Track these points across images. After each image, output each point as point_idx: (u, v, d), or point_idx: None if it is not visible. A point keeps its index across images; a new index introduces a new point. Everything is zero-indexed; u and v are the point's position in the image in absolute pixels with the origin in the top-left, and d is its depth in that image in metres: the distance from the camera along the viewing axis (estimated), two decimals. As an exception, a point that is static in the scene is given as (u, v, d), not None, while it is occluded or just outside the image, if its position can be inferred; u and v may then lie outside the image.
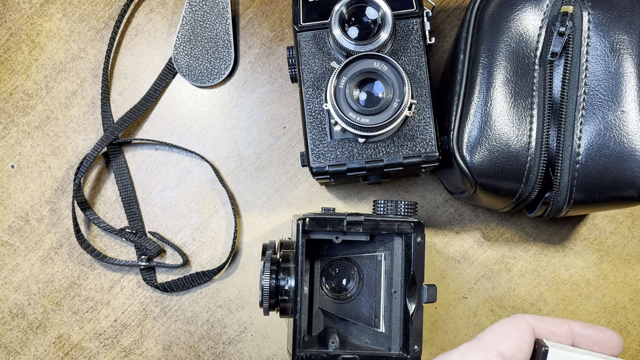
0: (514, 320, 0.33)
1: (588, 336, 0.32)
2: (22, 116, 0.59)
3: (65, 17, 0.59)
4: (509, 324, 0.33)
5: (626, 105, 0.44)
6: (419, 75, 0.48)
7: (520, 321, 0.32)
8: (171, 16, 0.59)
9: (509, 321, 0.33)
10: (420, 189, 0.57)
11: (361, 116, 0.45)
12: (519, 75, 0.45)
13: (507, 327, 0.32)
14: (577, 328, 0.33)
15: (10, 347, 0.58)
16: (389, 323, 0.46)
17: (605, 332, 0.32)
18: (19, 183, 0.58)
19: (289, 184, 0.58)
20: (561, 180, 0.45)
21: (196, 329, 0.57)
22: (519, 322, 0.32)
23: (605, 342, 0.32)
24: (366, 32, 0.47)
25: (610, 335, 0.32)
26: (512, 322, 0.33)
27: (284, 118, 0.58)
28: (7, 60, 0.59)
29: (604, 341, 0.32)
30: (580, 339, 0.32)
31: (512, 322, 0.33)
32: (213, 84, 0.58)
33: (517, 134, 0.45)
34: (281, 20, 0.59)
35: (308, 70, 0.49)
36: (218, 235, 0.58)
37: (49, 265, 0.58)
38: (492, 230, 0.57)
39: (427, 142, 0.48)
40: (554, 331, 0.32)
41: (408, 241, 0.44)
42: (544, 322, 0.33)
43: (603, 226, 0.56)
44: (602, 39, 0.44)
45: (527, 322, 0.32)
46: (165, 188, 0.58)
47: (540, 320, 0.33)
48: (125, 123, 0.57)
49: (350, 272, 0.50)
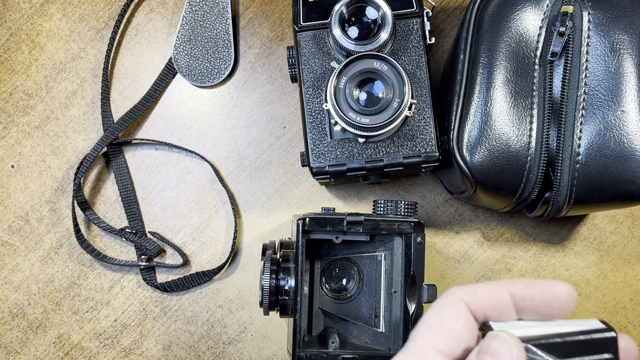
0: (446, 302, 0.28)
1: (532, 299, 0.28)
2: (22, 116, 0.59)
3: (65, 17, 0.59)
4: (441, 308, 0.28)
5: (626, 105, 0.44)
6: (419, 75, 0.48)
7: (453, 302, 0.28)
8: (171, 16, 0.59)
9: (442, 304, 0.28)
10: (420, 189, 0.57)
11: (361, 116, 0.45)
12: (519, 75, 0.45)
13: (440, 314, 0.28)
14: (518, 292, 0.28)
15: (10, 347, 0.58)
16: (389, 323, 0.46)
17: (551, 289, 0.28)
18: (19, 183, 0.58)
19: (289, 184, 0.58)
20: (561, 180, 0.45)
21: (196, 329, 0.57)
22: (451, 304, 0.28)
23: (553, 302, 0.28)
24: (366, 32, 0.47)
25: (557, 292, 0.28)
26: (444, 305, 0.28)
27: (284, 118, 0.58)
28: (7, 60, 0.59)
29: (551, 301, 0.28)
30: (525, 304, 0.28)
31: (445, 305, 0.28)
32: (213, 84, 0.58)
33: (517, 133, 0.45)
34: (281, 20, 0.59)
35: (308, 70, 0.49)
36: (218, 235, 0.58)
37: (49, 265, 0.58)
38: (492, 230, 0.57)
39: (427, 142, 0.48)
40: (492, 303, 0.28)
41: (408, 241, 0.44)
42: (479, 294, 0.28)
43: (603, 226, 0.56)
44: (602, 39, 0.44)
45: (461, 301, 0.28)
46: (165, 188, 0.58)
47: (475, 293, 0.28)
48: (125, 123, 0.57)
49: (350, 272, 0.50)
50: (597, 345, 0.26)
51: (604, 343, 0.27)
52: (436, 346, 0.27)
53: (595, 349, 0.26)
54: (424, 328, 0.28)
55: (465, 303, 0.28)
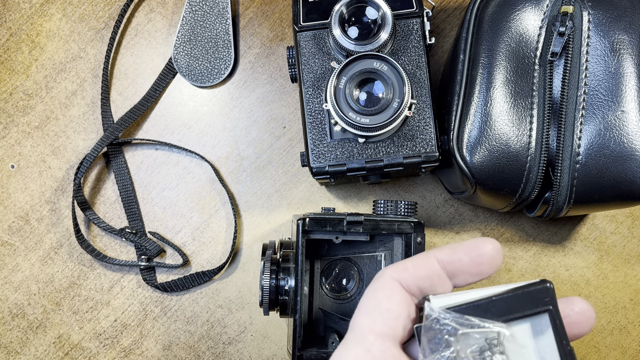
0: (377, 284, 0.27)
1: (459, 261, 0.27)
2: (22, 116, 0.59)
3: (65, 17, 0.59)
4: (374, 292, 0.27)
5: (626, 105, 0.44)
6: (419, 75, 0.48)
7: (384, 283, 0.27)
8: (171, 16, 0.59)
9: (374, 288, 0.28)
10: (420, 189, 0.57)
11: (361, 116, 0.45)
12: (519, 75, 0.45)
13: (374, 298, 0.27)
14: (444, 257, 0.27)
15: (10, 347, 0.58)
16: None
17: (475, 246, 0.27)
18: (19, 183, 0.58)
19: (289, 184, 0.58)
20: (561, 180, 0.45)
21: (196, 329, 0.57)
22: (383, 285, 0.27)
23: (480, 258, 0.27)
24: (366, 32, 0.47)
25: (481, 249, 0.27)
26: (376, 288, 0.27)
27: (284, 118, 0.58)
28: (7, 60, 0.59)
29: (478, 258, 0.27)
30: (454, 267, 0.27)
31: (377, 288, 0.27)
32: (213, 84, 0.58)
33: (517, 134, 0.45)
34: (281, 20, 0.59)
35: (308, 70, 0.49)
36: (218, 235, 0.58)
37: (49, 265, 0.58)
38: (492, 230, 0.57)
39: (427, 142, 0.48)
40: (424, 274, 0.27)
41: (408, 241, 0.44)
42: (408, 268, 0.27)
43: (603, 226, 0.56)
44: (602, 39, 0.44)
45: (392, 279, 0.27)
46: (165, 188, 0.58)
47: (404, 269, 0.27)
48: (125, 123, 0.57)
49: (350, 272, 0.50)
50: (534, 299, 0.26)
51: (540, 296, 0.26)
52: (374, 329, 0.26)
53: (533, 303, 0.26)
54: (360, 314, 0.28)
55: (396, 281, 0.27)
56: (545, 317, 0.26)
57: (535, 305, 0.26)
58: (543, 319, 0.26)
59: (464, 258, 0.27)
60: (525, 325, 0.26)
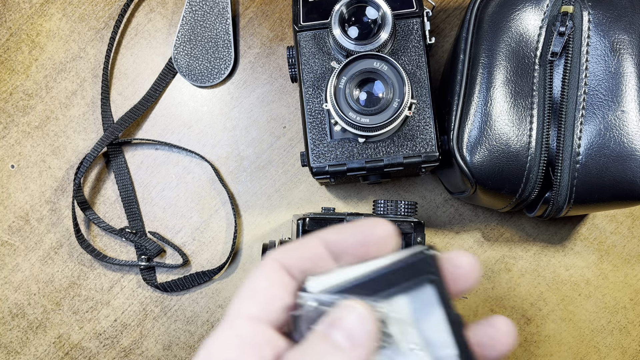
0: (258, 268, 0.26)
1: (344, 242, 0.25)
2: (22, 116, 0.59)
3: (65, 17, 0.59)
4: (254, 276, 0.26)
5: (626, 105, 0.44)
6: (419, 75, 0.48)
7: (265, 265, 0.26)
8: (171, 16, 0.59)
9: (255, 272, 0.26)
10: (420, 189, 0.57)
11: (361, 116, 0.45)
12: (519, 75, 0.45)
13: (252, 282, 0.25)
14: (329, 237, 0.26)
15: (10, 347, 0.58)
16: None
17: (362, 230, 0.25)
18: (19, 183, 0.58)
19: (289, 184, 0.58)
20: (561, 180, 0.45)
21: (196, 329, 0.57)
22: (263, 267, 0.26)
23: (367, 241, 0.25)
24: (366, 32, 0.47)
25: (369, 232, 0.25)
26: (257, 271, 0.26)
27: (284, 118, 0.58)
28: (7, 60, 0.59)
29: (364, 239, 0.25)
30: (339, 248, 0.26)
31: (257, 271, 0.26)
32: (213, 84, 0.58)
33: (517, 134, 0.45)
34: (281, 20, 0.59)
35: (308, 70, 0.49)
36: (218, 235, 0.58)
37: (49, 265, 0.58)
38: (492, 230, 0.57)
39: (427, 142, 0.48)
40: (308, 256, 0.26)
41: (408, 241, 0.44)
42: (291, 250, 0.26)
43: (603, 226, 0.56)
44: (602, 38, 0.44)
45: (274, 261, 0.26)
46: (165, 188, 0.58)
47: (287, 250, 0.26)
48: (125, 123, 0.57)
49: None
50: (416, 269, 0.24)
51: (423, 265, 0.24)
52: (248, 313, 0.24)
53: (415, 273, 0.24)
54: (235, 299, 0.26)
55: (278, 263, 0.26)
56: (429, 286, 0.24)
57: (419, 274, 0.24)
58: (427, 289, 0.24)
59: (350, 239, 0.25)
60: (409, 297, 0.24)
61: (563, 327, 0.56)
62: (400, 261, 0.24)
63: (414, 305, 0.24)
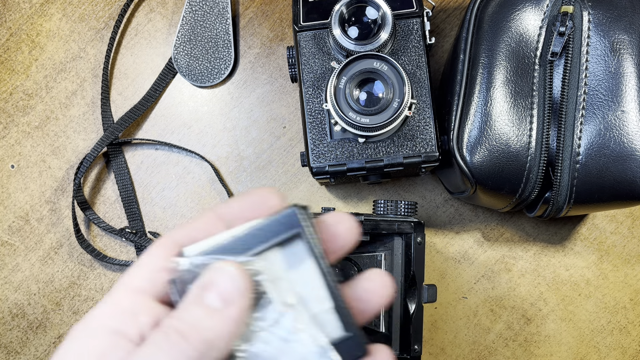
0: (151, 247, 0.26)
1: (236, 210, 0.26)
2: (22, 116, 0.59)
3: (65, 17, 0.59)
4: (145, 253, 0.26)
5: (626, 105, 0.44)
6: (419, 75, 0.48)
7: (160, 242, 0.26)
8: (171, 16, 0.59)
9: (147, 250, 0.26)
10: (420, 189, 0.57)
11: (361, 116, 0.45)
12: (519, 75, 0.45)
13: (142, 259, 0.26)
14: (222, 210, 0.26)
15: (10, 347, 0.58)
16: (389, 323, 0.46)
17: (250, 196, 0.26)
18: (19, 183, 0.58)
19: (289, 184, 0.58)
20: (561, 180, 0.45)
21: (196, 329, 0.57)
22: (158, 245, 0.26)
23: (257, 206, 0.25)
24: (366, 32, 0.47)
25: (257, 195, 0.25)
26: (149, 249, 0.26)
27: (284, 118, 0.58)
28: (7, 60, 0.59)
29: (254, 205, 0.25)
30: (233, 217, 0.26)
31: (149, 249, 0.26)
32: (213, 84, 0.58)
33: (517, 134, 0.45)
34: (281, 20, 0.59)
35: (308, 70, 0.49)
36: (218, 235, 0.58)
37: (49, 265, 0.58)
38: (492, 230, 0.57)
39: (427, 142, 0.48)
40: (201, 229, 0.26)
41: (408, 241, 0.44)
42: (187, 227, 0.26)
43: (603, 226, 0.56)
44: (602, 38, 0.44)
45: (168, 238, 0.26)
46: (165, 188, 0.58)
47: (183, 227, 0.26)
48: (125, 123, 0.57)
49: (350, 272, 0.50)
50: (286, 224, 0.24)
51: (293, 220, 0.24)
52: (130, 285, 0.25)
53: (285, 228, 0.24)
54: (122, 275, 0.26)
55: (171, 240, 0.26)
56: (299, 241, 0.24)
57: (287, 230, 0.24)
58: (298, 243, 0.24)
59: (240, 206, 0.26)
60: (280, 252, 0.24)
61: (563, 327, 0.56)
62: (272, 218, 0.24)
63: (286, 260, 0.24)
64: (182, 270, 0.24)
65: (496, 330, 0.56)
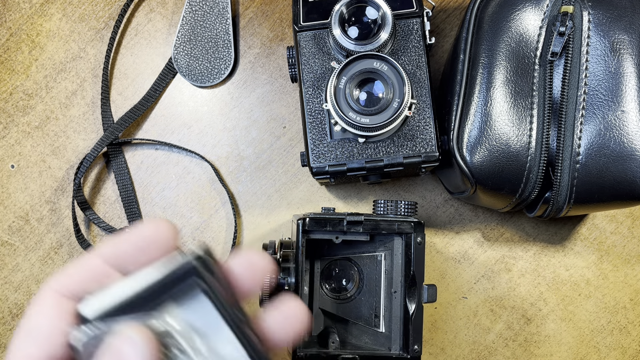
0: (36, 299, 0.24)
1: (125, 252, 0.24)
2: (22, 116, 0.59)
3: (65, 17, 0.59)
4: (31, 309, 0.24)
5: (626, 105, 0.44)
6: (419, 75, 0.48)
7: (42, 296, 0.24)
8: (171, 16, 0.59)
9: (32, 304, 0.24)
10: (420, 189, 0.57)
11: (361, 116, 0.45)
12: (519, 75, 0.45)
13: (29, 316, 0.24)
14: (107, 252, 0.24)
15: (10, 347, 0.58)
16: (389, 323, 0.46)
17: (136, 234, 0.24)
18: (19, 183, 0.58)
19: (289, 184, 0.58)
20: (561, 180, 0.45)
21: (196, 329, 0.57)
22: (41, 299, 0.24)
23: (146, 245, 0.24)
24: (366, 32, 0.47)
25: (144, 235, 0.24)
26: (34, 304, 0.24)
27: (284, 118, 0.58)
28: (7, 60, 0.59)
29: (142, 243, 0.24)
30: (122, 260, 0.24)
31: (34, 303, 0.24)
32: (213, 84, 0.58)
33: (517, 134, 0.45)
34: (281, 20, 0.59)
35: (308, 70, 0.49)
36: (218, 235, 0.58)
37: (49, 265, 0.58)
38: (492, 230, 0.57)
39: (427, 142, 0.48)
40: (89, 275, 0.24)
41: (408, 241, 0.44)
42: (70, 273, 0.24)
43: (603, 226, 0.56)
44: (602, 38, 0.44)
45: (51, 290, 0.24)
46: (165, 188, 0.58)
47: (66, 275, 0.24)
48: (125, 123, 0.57)
49: (350, 272, 0.50)
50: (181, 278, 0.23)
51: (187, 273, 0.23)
52: (26, 354, 0.23)
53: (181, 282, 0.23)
54: (15, 336, 0.24)
55: (56, 291, 0.24)
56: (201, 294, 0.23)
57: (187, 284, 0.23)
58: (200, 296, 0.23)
59: (128, 248, 0.24)
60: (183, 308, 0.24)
61: (563, 327, 0.56)
62: (170, 269, 0.23)
63: (191, 315, 0.24)
64: (82, 338, 0.23)
65: (496, 330, 0.56)
